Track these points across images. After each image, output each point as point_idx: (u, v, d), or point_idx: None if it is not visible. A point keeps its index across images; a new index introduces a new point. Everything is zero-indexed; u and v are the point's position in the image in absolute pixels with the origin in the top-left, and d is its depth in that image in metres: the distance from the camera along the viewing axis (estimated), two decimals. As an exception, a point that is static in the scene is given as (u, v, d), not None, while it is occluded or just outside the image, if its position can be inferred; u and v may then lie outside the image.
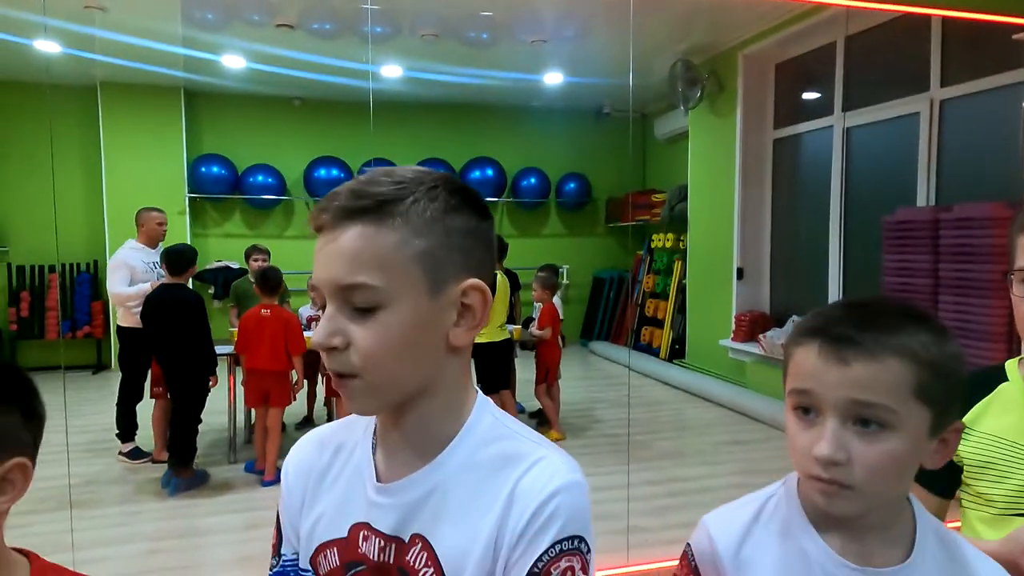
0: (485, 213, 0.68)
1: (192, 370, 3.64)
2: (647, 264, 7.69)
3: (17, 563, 0.72)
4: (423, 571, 0.65)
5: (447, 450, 0.67)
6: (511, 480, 0.65)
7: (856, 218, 4.87)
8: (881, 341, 0.66)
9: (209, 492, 3.61)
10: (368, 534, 0.68)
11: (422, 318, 0.63)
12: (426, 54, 5.66)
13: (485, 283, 0.66)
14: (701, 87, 5.96)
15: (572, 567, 0.62)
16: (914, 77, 4.40)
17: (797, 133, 5.50)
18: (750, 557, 0.75)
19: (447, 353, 0.66)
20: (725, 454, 4.31)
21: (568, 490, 0.63)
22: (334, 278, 0.63)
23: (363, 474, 0.71)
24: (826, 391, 0.67)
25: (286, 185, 7.22)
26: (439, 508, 0.66)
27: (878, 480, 0.67)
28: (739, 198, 5.76)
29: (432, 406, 0.67)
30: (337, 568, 0.70)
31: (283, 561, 0.76)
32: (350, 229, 0.62)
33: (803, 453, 0.69)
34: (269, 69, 5.87)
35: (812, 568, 0.72)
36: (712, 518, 0.79)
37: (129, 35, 5.13)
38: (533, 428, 0.76)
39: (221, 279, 6.52)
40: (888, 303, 0.71)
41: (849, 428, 0.67)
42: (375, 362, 0.62)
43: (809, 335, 0.70)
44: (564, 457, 0.67)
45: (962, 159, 4.17)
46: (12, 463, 0.68)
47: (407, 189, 0.63)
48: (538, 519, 0.62)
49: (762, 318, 5.64)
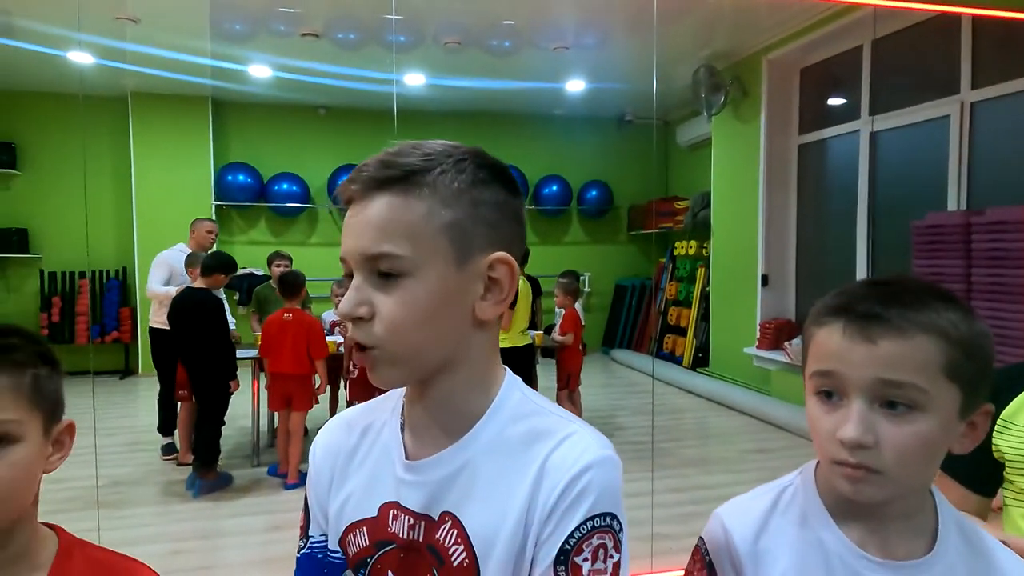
0: (514, 189, 0.67)
1: (213, 373, 3.68)
2: (670, 271, 7.63)
3: (47, 536, 0.74)
4: (453, 548, 0.64)
5: (476, 427, 0.66)
6: (541, 455, 0.63)
7: (884, 223, 4.78)
8: (909, 318, 0.63)
9: (233, 494, 3.63)
10: (397, 513, 0.67)
11: (448, 289, 0.62)
12: (449, 62, 5.71)
13: (514, 258, 0.65)
14: (725, 93, 5.92)
15: (604, 544, 0.61)
16: (943, 80, 4.32)
17: (822, 138, 5.43)
18: (767, 548, 0.72)
19: (473, 327, 0.65)
20: (750, 462, 4.24)
21: (600, 465, 0.62)
22: (361, 247, 0.62)
23: (391, 453, 0.70)
24: (851, 371, 0.64)
25: (310, 193, 7.30)
26: (469, 485, 0.65)
27: (907, 463, 0.64)
28: (763, 204, 5.70)
29: (457, 381, 0.66)
30: (367, 547, 0.69)
31: (311, 542, 0.75)
32: (378, 199, 0.62)
33: (827, 437, 0.66)
34: (294, 77, 5.96)
35: (831, 560, 0.69)
36: (726, 510, 0.76)
37: (159, 47, 5.25)
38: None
39: (245, 285, 6.60)
40: (912, 281, 0.68)
41: (876, 410, 0.64)
42: (399, 332, 0.62)
43: (832, 314, 0.68)
44: (595, 433, 0.65)
45: (994, 162, 4.08)
46: (66, 423, 0.73)
47: (435, 160, 0.63)
48: (569, 495, 0.61)
49: (787, 326, 5.55)
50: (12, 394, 0.67)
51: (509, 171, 0.68)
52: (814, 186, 5.60)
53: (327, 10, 4.79)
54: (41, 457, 0.70)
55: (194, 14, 4.81)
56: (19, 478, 0.67)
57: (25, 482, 0.68)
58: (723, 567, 0.74)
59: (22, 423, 0.67)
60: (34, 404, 0.69)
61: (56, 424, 0.72)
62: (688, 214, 7.02)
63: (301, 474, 3.76)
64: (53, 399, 0.71)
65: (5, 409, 0.66)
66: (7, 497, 0.66)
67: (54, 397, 0.72)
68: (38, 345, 0.72)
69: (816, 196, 5.59)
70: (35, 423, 0.69)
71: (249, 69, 5.88)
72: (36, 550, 0.71)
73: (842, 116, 5.23)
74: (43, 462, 0.70)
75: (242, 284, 6.75)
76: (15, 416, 0.66)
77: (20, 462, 0.67)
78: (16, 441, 0.67)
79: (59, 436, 0.72)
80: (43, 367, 0.70)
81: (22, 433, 0.67)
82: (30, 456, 0.68)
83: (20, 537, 0.69)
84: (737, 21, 5.37)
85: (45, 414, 0.70)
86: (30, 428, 0.68)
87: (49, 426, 0.71)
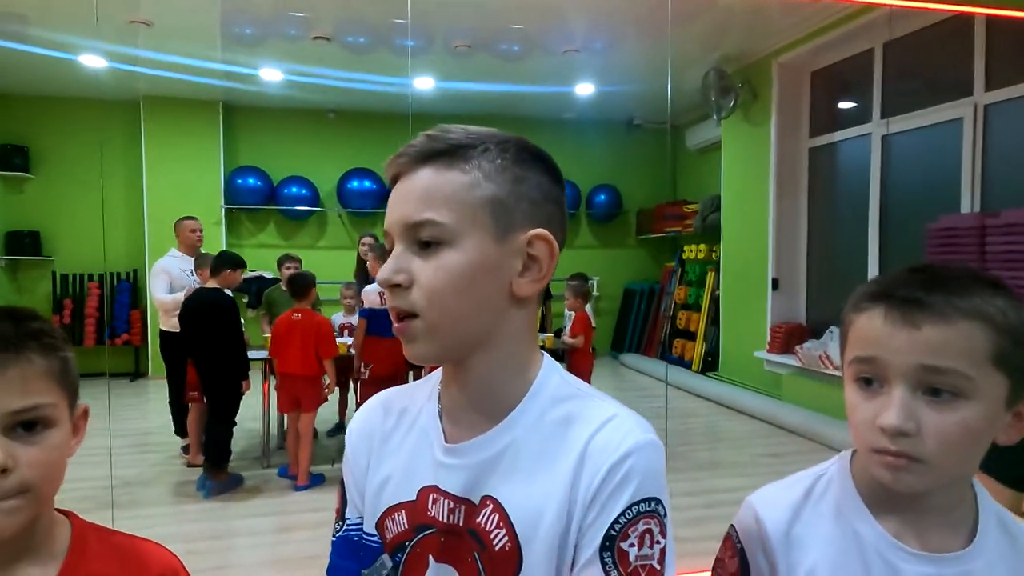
0: (557, 176, 0.68)
1: (225, 374, 3.69)
2: (678, 275, 7.60)
3: (61, 522, 0.73)
4: (495, 532, 0.63)
5: (516, 410, 0.66)
6: (582, 439, 0.63)
7: (896, 226, 4.75)
8: (953, 303, 0.62)
9: (243, 496, 3.63)
10: (437, 496, 0.67)
11: (486, 261, 0.63)
12: (458, 66, 5.72)
13: (554, 238, 0.65)
14: (735, 96, 5.91)
15: (650, 530, 0.60)
16: (956, 82, 4.30)
17: (834, 141, 5.40)
18: (799, 537, 0.71)
19: (510, 303, 0.65)
20: (762, 466, 4.20)
21: (643, 450, 0.61)
22: (404, 216, 0.63)
23: (430, 436, 0.69)
24: (893, 357, 0.63)
25: (319, 196, 7.32)
26: (510, 469, 0.64)
27: (950, 453, 0.62)
28: (774, 207, 5.67)
29: (495, 361, 0.66)
30: (406, 531, 0.68)
31: (347, 525, 0.74)
32: (423, 171, 0.63)
33: (866, 425, 0.65)
34: (305, 80, 5.98)
35: (867, 552, 0.68)
36: (759, 497, 0.75)
37: (171, 52, 5.30)
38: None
39: (255, 288, 6.62)
40: (956, 267, 0.67)
41: (918, 397, 0.62)
42: (436, 299, 0.62)
43: (872, 300, 0.66)
44: (636, 417, 0.65)
45: (1008, 164, 4.05)
46: (82, 408, 0.73)
47: (480, 139, 0.65)
48: (612, 480, 0.60)
49: (799, 329, 5.52)
50: (48, 378, 0.66)
51: (552, 160, 0.69)
52: (825, 189, 5.58)
53: (337, 14, 4.81)
54: (69, 441, 0.70)
55: (205, 18, 4.84)
56: (58, 461, 0.67)
57: (61, 466, 0.68)
58: (754, 555, 0.73)
59: (57, 407, 0.67)
60: (63, 387, 0.68)
61: (76, 408, 0.72)
62: (698, 218, 7.00)
63: (311, 475, 3.75)
64: (76, 382, 0.71)
65: (43, 393, 0.66)
66: (48, 479, 0.66)
67: (76, 379, 0.72)
68: (59, 329, 0.72)
69: (827, 199, 5.56)
70: (64, 406, 0.68)
71: (260, 73, 5.91)
72: (52, 536, 0.71)
73: (853, 119, 5.21)
74: (69, 447, 0.70)
75: (251, 287, 6.78)
76: (51, 400, 0.66)
77: (58, 445, 0.67)
78: (53, 425, 0.67)
79: (76, 421, 0.72)
80: (68, 350, 0.70)
81: (58, 417, 0.67)
82: (64, 440, 0.68)
83: (41, 523, 0.69)
84: (747, 24, 5.36)
85: (70, 397, 0.70)
86: (62, 411, 0.68)
87: (72, 410, 0.71)
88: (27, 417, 0.64)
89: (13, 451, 0.63)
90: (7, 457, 0.62)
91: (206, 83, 6.12)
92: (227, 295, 3.78)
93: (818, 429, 4.59)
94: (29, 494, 0.64)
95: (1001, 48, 4.07)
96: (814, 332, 5.41)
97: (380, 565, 0.70)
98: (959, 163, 4.26)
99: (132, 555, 0.74)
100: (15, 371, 0.64)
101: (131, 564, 0.73)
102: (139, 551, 0.75)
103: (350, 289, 4.68)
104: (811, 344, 5.11)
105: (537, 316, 0.71)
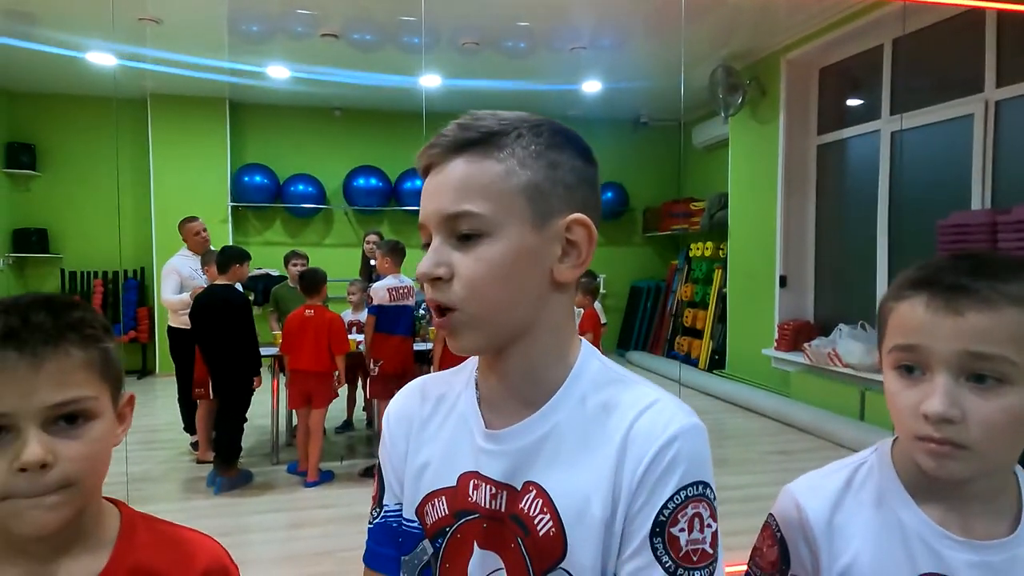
0: (590, 157, 0.67)
1: (237, 370, 3.69)
2: (685, 273, 7.59)
3: (110, 511, 0.73)
4: (539, 518, 0.63)
5: (557, 395, 0.65)
6: (625, 423, 0.62)
7: (905, 223, 4.73)
8: (999, 289, 0.62)
9: (253, 492, 3.63)
10: (478, 482, 0.66)
11: (526, 250, 0.62)
12: (465, 64, 5.71)
13: (592, 222, 0.65)
14: (743, 93, 5.89)
15: (700, 514, 0.60)
16: (967, 79, 4.28)
17: (842, 138, 5.39)
18: (842, 525, 0.71)
19: (551, 289, 0.65)
20: (772, 463, 4.20)
21: (688, 433, 0.61)
22: (440, 208, 0.63)
23: (469, 423, 0.69)
24: (937, 344, 0.63)
25: (326, 194, 7.32)
26: (553, 454, 0.64)
27: (995, 439, 0.62)
28: (781, 205, 5.66)
29: (536, 348, 0.65)
30: (446, 516, 0.68)
31: (386, 511, 0.74)
32: (456, 161, 0.63)
33: (909, 413, 0.65)
34: (311, 77, 5.98)
35: (910, 539, 0.68)
36: (799, 486, 0.75)
37: (178, 50, 5.30)
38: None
39: (261, 286, 6.61)
40: (997, 255, 0.67)
41: (962, 384, 0.62)
42: (478, 291, 0.61)
43: (915, 287, 0.66)
44: (678, 401, 0.64)
45: (1020, 161, 4.03)
46: (127, 396, 0.72)
47: (512, 125, 0.64)
48: (659, 465, 0.60)
49: (806, 327, 5.51)
50: (87, 370, 0.66)
51: (584, 141, 0.68)
52: (834, 187, 5.56)
53: (345, 11, 4.81)
54: (114, 431, 0.69)
55: (213, 16, 4.84)
56: (101, 453, 0.67)
57: (105, 457, 0.68)
58: (796, 544, 0.72)
59: (98, 399, 0.66)
60: (104, 378, 0.68)
61: (120, 397, 0.71)
62: (705, 215, 6.98)
63: (320, 472, 3.76)
64: (118, 372, 0.71)
65: (83, 385, 0.65)
66: (92, 472, 0.66)
67: (119, 369, 0.71)
68: (101, 317, 0.71)
69: (835, 196, 5.54)
70: (106, 397, 0.68)
71: (267, 70, 5.91)
72: (102, 525, 0.71)
73: (862, 116, 5.19)
74: (114, 436, 0.70)
75: (257, 285, 6.78)
76: (92, 392, 0.66)
77: (101, 437, 0.66)
78: (95, 417, 0.66)
79: (122, 409, 0.72)
80: (109, 340, 0.70)
81: (100, 409, 0.67)
82: (107, 431, 0.68)
83: (89, 512, 0.69)
84: (756, 21, 5.35)
85: (113, 387, 0.69)
86: (104, 403, 0.67)
87: (116, 400, 0.70)
88: (67, 411, 0.64)
89: (54, 446, 0.62)
90: (47, 452, 0.61)
91: (213, 80, 6.12)
92: (238, 291, 3.79)
93: (827, 426, 4.58)
94: (72, 488, 0.63)
95: (1012, 44, 4.05)
96: (822, 329, 5.40)
97: (421, 551, 0.70)
98: (970, 159, 4.24)
99: (180, 545, 0.74)
100: (53, 364, 0.63)
101: (179, 554, 0.73)
102: (187, 541, 0.75)
103: (355, 286, 4.68)
104: (819, 341, 5.09)
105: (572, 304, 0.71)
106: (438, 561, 0.68)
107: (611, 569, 0.61)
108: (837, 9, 4.84)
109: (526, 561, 0.63)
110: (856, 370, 4.65)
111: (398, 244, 4.08)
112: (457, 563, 0.67)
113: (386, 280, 3.92)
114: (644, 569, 0.59)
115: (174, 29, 4.93)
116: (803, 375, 5.29)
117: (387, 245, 4.07)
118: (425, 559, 0.69)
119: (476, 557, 0.66)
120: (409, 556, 0.71)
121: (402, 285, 3.94)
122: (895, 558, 0.68)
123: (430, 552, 0.69)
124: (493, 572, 0.65)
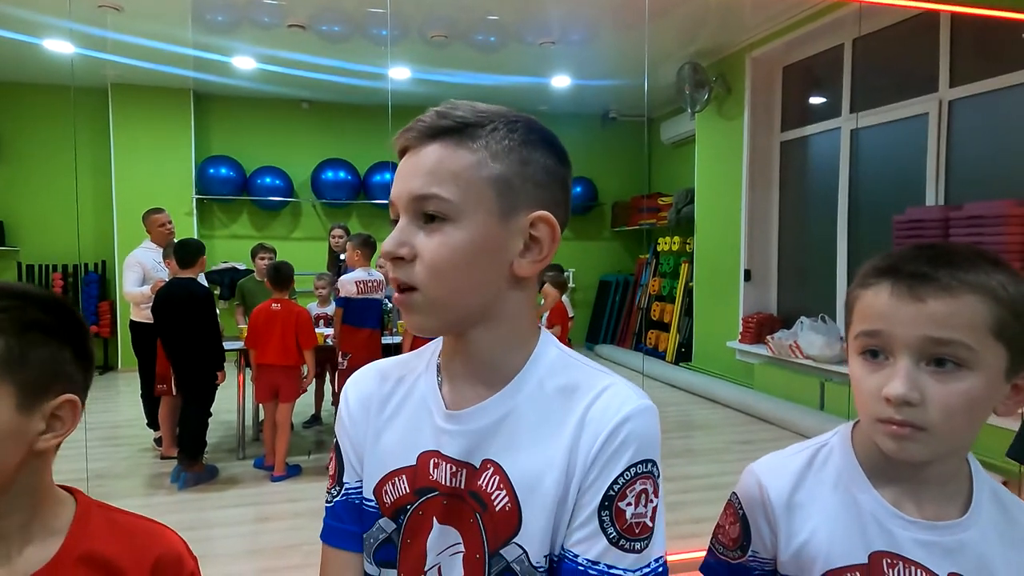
0: (564, 159, 0.69)
1: (201, 365, 3.64)
2: (652, 267, 7.69)
3: (64, 499, 0.73)
4: (495, 494, 0.65)
5: (516, 379, 0.68)
6: (581, 406, 0.66)
7: (864, 219, 4.87)
8: (958, 277, 0.65)
9: (219, 487, 3.60)
10: (438, 461, 0.69)
11: (489, 240, 0.64)
12: (434, 56, 5.69)
13: (557, 221, 0.67)
14: (709, 90, 5.98)
15: (646, 490, 0.64)
16: (922, 78, 4.42)
17: (805, 135, 5.51)
18: (801, 504, 0.74)
19: (510, 282, 0.67)
20: (735, 453, 4.29)
21: (639, 415, 0.64)
22: (411, 189, 0.65)
23: (429, 404, 0.71)
24: (899, 330, 0.66)
25: (293, 187, 7.23)
26: (510, 434, 0.67)
27: (953, 421, 0.64)
28: (746, 200, 5.77)
29: (495, 337, 0.68)
30: (407, 495, 0.70)
31: (347, 489, 0.75)
32: (431, 146, 0.65)
33: (872, 396, 0.67)
34: (278, 70, 5.90)
35: (864, 518, 0.71)
36: (761, 465, 0.78)
37: (141, 37, 5.17)
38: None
39: (228, 279, 6.53)
40: (958, 245, 0.70)
41: (923, 368, 0.65)
42: (437, 274, 0.63)
43: (879, 275, 0.69)
44: (632, 385, 0.67)
45: (971, 159, 4.18)
46: (62, 399, 0.69)
47: (489, 117, 0.66)
48: (612, 444, 0.63)
49: (770, 320, 5.63)
50: None
51: (559, 141, 0.70)
52: (796, 183, 5.69)
53: (313, 2, 4.75)
54: (15, 432, 0.65)
55: (177, 4, 4.74)
56: None
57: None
58: (757, 521, 0.76)
59: None
60: (4, 373, 0.64)
61: (46, 398, 0.67)
62: (672, 210, 7.08)
63: (287, 466, 3.74)
64: (37, 370, 0.66)
65: None
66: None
67: (39, 368, 0.66)
68: (39, 312, 0.67)
69: (798, 192, 5.67)
70: (5, 394, 0.64)
71: (233, 61, 5.81)
72: (52, 514, 0.70)
73: (824, 113, 5.32)
74: (21, 436, 0.66)
75: (224, 278, 6.68)
76: None
77: None
78: None
79: (56, 411, 0.68)
80: (29, 334, 0.66)
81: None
82: None
83: (22, 503, 0.67)
84: (722, 18, 5.43)
85: (20, 386, 0.65)
86: None
87: (31, 400, 0.66)
88: None
89: None
90: None
91: (177, 71, 6.00)
92: (202, 285, 3.73)
93: (788, 416, 4.70)
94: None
95: (965, 45, 4.19)
96: (785, 322, 5.53)
97: (377, 529, 0.72)
98: (924, 157, 4.38)
99: (135, 534, 0.73)
100: None
101: (133, 542, 0.72)
102: (143, 530, 0.75)
103: (323, 280, 4.65)
104: (782, 334, 5.22)
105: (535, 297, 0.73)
106: (400, 537, 0.70)
107: (560, 542, 0.65)
108: (799, 8, 4.94)
109: (482, 535, 0.66)
110: (817, 361, 4.78)
111: (369, 238, 4.06)
112: (418, 539, 0.69)
113: (355, 273, 3.91)
114: (589, 539, 0.63)
115: (136, 16, 4.81)
116: (766, 367, 5.41)
117: (358, 238, 4.06)
118: (382, 537, 0.71)
119: (435, 532, 0.68)
120: (366, 534, 0.73)
121: (371, 279, 3.93)
122: (850, 536, 0.71)
123: (389, 530, 0.71)
124: (451, 546, 0.67)
